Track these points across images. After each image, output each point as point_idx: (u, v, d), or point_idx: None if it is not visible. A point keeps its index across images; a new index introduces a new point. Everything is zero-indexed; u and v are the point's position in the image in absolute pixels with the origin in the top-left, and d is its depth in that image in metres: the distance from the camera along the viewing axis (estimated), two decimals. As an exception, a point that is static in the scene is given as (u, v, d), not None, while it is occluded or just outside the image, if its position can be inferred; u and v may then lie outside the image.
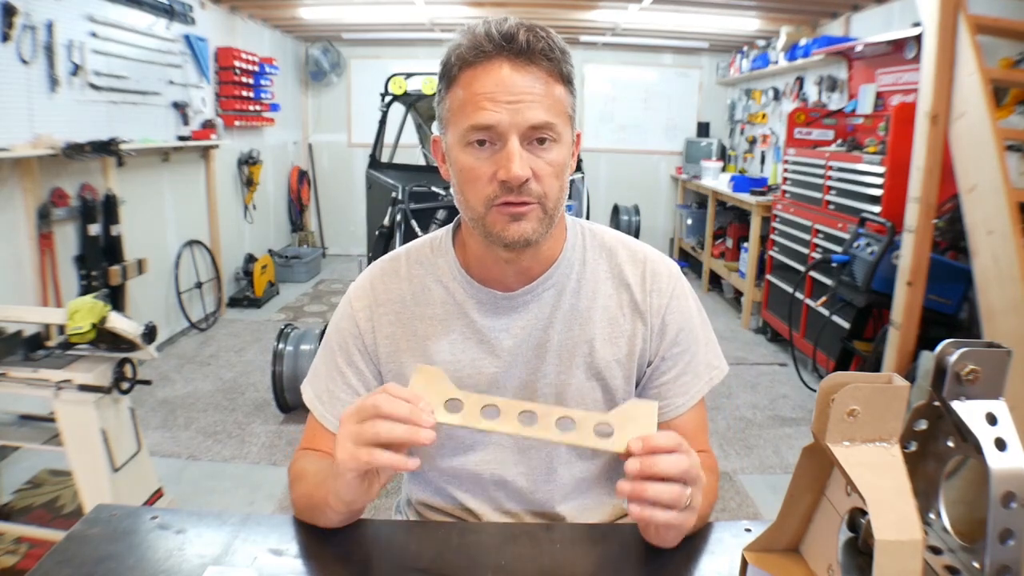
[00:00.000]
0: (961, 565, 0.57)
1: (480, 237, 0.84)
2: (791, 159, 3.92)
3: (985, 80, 2.13)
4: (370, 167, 3.86)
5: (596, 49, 6.22)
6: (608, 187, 6.50)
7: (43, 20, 2.81)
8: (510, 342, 0.89)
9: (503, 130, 0.76)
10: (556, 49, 0.78)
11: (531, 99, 0.76)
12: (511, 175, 0.75)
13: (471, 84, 0.77)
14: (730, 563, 0.77)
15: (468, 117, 0.77)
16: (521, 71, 0.77)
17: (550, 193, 0.80)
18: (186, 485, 2.45)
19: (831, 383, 0.55)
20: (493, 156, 0.78)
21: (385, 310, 0.92)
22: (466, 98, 0.78)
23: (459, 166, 0.80)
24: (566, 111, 0.81)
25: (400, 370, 0.91)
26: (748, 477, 2.61)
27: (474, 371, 0.90)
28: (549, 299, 0.90)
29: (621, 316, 0.91)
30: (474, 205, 0.80)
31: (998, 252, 2.04)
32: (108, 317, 1.72)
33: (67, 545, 0.76)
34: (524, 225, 0.79)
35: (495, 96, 0.76)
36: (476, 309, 0.90)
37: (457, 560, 0.76)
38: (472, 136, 0.78)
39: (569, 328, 0.89)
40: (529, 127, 0.76)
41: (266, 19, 5.19)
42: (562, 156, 0.80)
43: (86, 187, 3.15)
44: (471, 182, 0.79)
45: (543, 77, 0.78)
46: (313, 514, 0.80)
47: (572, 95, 0.82)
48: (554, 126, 0.78)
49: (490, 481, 0.93)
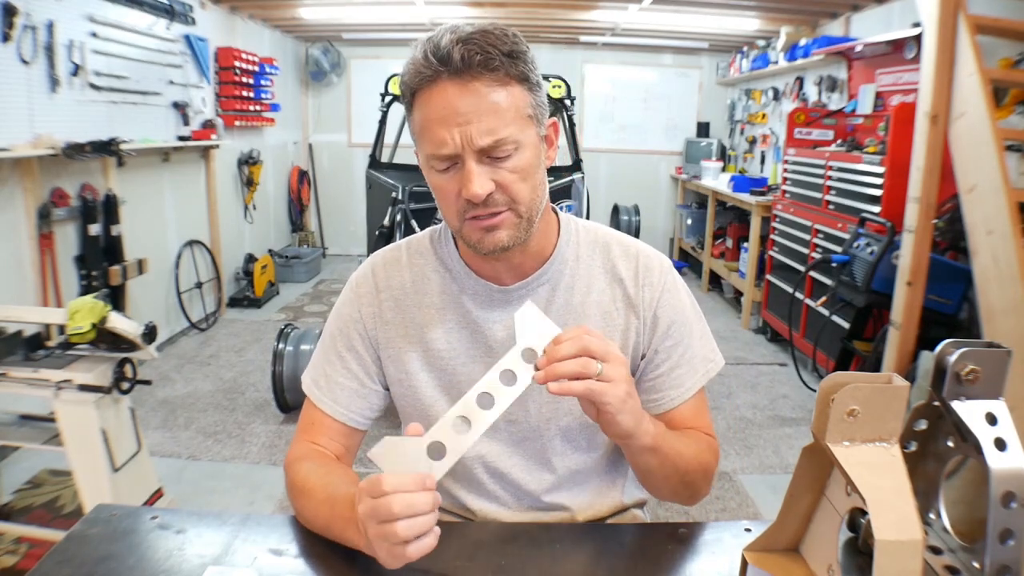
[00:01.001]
0: (961, 565, 0.57)
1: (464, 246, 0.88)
2: (791, 159, 3.92)
3: (985, 80, 2.13)
4: (370, 167, 3.87)
5: (596, 49, 6.22)
6: (608, 187, 6.50)
7: (43, 20, 2.81)
8: (504, 334, 0.91)
9: (457, 153, 0.77)
10: (498, 56, 0.75)
11: (478, 118, 0.76)
12: (470, 194, 0.77)
13: (423, 108, 0.79)
14: (730, 563, 0.77)
15: (427, 145, 0.80)
16: (464, 90, 0.76)
17: (520, 197, 0.80)
18: (186, 485, 2.45)
19: (831, 383, 0.55)
20: (456, 175, 0.79)
21: (386, 296, 0.94)
22: (422, 123, 0.79)
23: (431, 184, 0.84)
24: (524, 114, 0.79)
25: (399, 356, 0.93)
26: (748, 477, 2.61)
27: (469, 360, 0.92)
28: (543, 294, 0.91)
29: (615, 310, 0.92)
30: (450, 219, 0.84)
31: (998, 252, 2.04)
32: (108, 317, 1.72)
33: (67, 545, 0.76)
34: (498, 234, 0.81)
35: (445, 119, 0.76)
36: (472, 300, 0.92)
37: (457, 560, 0.77)
38: (434, 161, 0.80)
39: (563, 323, 0.89)
40: (478, 150, 0.77)
41: (266, 19, 5.19)
42: (526, 160, 0.80)
43: (86, 187, 3.15)
44: (443, 199, 0.83)
45: (488, 90, 0.76)
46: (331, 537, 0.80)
47: (532, 91, 0.80)
48: (505, 140, 0.77)
49: (486, 474, 0.94)
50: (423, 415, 0.92)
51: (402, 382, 0.94)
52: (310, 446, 0.92)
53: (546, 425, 0.92)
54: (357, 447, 0.97)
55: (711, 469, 0.90)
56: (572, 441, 0.94)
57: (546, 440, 0.93)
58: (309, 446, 0.92)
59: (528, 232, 0.83)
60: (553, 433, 0.93)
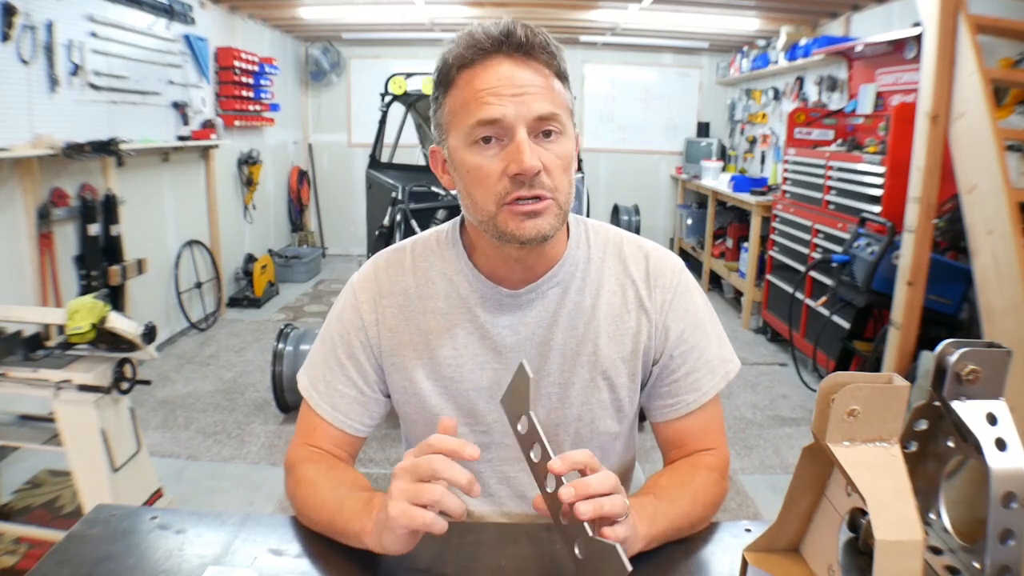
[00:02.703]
0: (961, 565, 0.57)
1: (491, 238, 0.81)
2: (791, 159, 3.92)
3: (985, 80, 2.13)
4: (370, 167, 3.87)
5: (596, 49, 6.22)
6: (608, 187, 6.50)
7: (43, 20, 2.80)
8: (513, 339, 0.88)
9: (509, 123, 0.75)
10: (552, 45, 0.79)
11: (534, 91, 0.76)
12: (524, 167, 0.74)
13: (471, 82, 0.77)
14: (730, 563, 0.77)
15: (472, 114, 0.76)
16: (521, 66, 0.76)
17: (561, 187, 0.78)
18: (186, 485, 2.44)
19: (831, 383, 0.55)
20: (501, 152, 0.76)
21: (389, 302, 0.90)
22: (468, 96, 0.77)
23: (466, 167, 0.78)
24: (567, 105, 0.80)
25: (403, 364, 0.89)
26: (748, 477, 2.61)
27: (476, 367, 0.88)
28: (554, 297, 0.88)
29: (626, 313, 0.89)
30: (484, 205, 0.78)
31: (998, 252, 2.04)
32: (108, 317, 1.72)
33: (67, 545, 0.76)
34: (540, 222, 0.77)
35: (498, 90, 0.75)
36: (480, 305, 0.88)
37: (457, 560, 0.76)
38: (478, 133, 0.76)
39: (573, 326, 0.88)
40: (536, 118, 0.75)
41: (266, 19, 5.19)
42: (568, 149, 0.79)
43: (86, 187, 3.15)
44: (479, 181, 0.77)
45: (543, 71, 0.78)
46: (334, 536, 0.78)
47: (570, 92, 0.82)
48: (559, 116, 0.77)
49: (493, 479, 0.93)
50: (428, 423, 0.90)
51: (406, 389, 0.91)
52: (311, 449, 0.90)
53: (555, 431, 0.90)
54: (358, 451, 0.95)
55: (718, 500, 0.87)
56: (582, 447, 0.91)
57: (554, 447, 0.90)
58: (311, 449, 0.90)
59: (560, 227, 0.81)
60: (562, 439, 0.90)
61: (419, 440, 0.91)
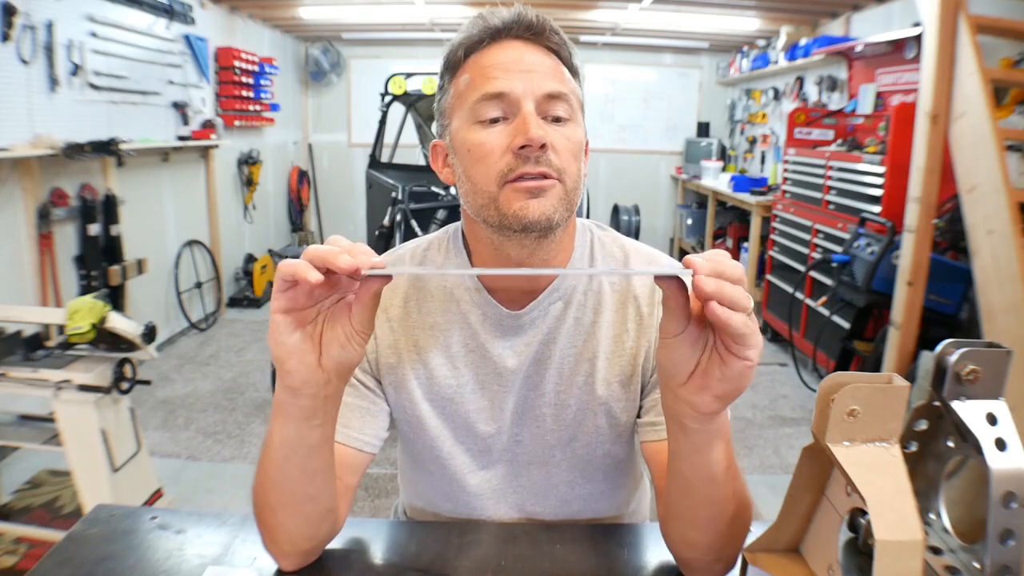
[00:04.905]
0: (961, 565, 0.57)
1: (490, 229, 0.74)
2: (791, 159, 3.92)
3: (985, 80, 2.13)
4: (370, 167, 3.87)
5: (596, 49, 6.22)
6: (608, 187, 6.50)
7: (43, 20, 2.81)
8: (514, 362, 0.82)
9: (516, 97, 0.71)
10: (562, 34, 0.77)
11: (544, 71, 0.73)
12: (529, 135, 0.68)
13: (479, 62, 0.74)
14: (730, 563, 0.77)
15: (477, 89, 0.72)
16: (533, 47, 0.74)
17: (569, 171, 0.72)
18: (186, 485, 2.44)
19: (831, 383, 0.55)
20: (505, 128, 0.71)
21: (386, 316, 0.84)
22: (474, 75, 0.73)
23: (467, 147, 0.73)
24: (577, 94, 0.76)
25: (402, 382, 0.83)
26: (748, 477, 2.59)
27: (476, 387, 0.83)
28: (555, 313, 0.82)
29: (624, 332, 0.83)
30: (484, 185, 0.71)
31: (998, 252, 2.04)
32: (108, 317, 1.72)
33: (67, 545, 0.76)
34: (544, 203, 0.70)
35: (507, 67, 0.72)
36: (480, 321, 0.82)
37: (457, 560, 0.76)
38: (482, 110, 0.72)
39: (572, 344, 0.83)
40: (545, 95, 0.71)
41: (266, 19, 5.18)
42: (579, 136, 0.74)
43: (86, 187, 3.15)
44: (480, 160, 0.71)
45: (553, 56, 0.75)
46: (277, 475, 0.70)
47: (580, 88, 0.78)
48: (569, 99, 0.73)
49: (491, 498, 0.88)
50: (428, 446, 0.85)
51: (405, 409, 0.85)
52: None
53: (550, 452, 0.85)
54: (360, 477, 0.82)
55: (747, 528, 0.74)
56: (581, 470, 0.86)
57: (552, 467, 0.86)
58: None
59: (568, 218, 0.73)
60: (559, 459, 0.85)
61: (418, 456, 0.89)
